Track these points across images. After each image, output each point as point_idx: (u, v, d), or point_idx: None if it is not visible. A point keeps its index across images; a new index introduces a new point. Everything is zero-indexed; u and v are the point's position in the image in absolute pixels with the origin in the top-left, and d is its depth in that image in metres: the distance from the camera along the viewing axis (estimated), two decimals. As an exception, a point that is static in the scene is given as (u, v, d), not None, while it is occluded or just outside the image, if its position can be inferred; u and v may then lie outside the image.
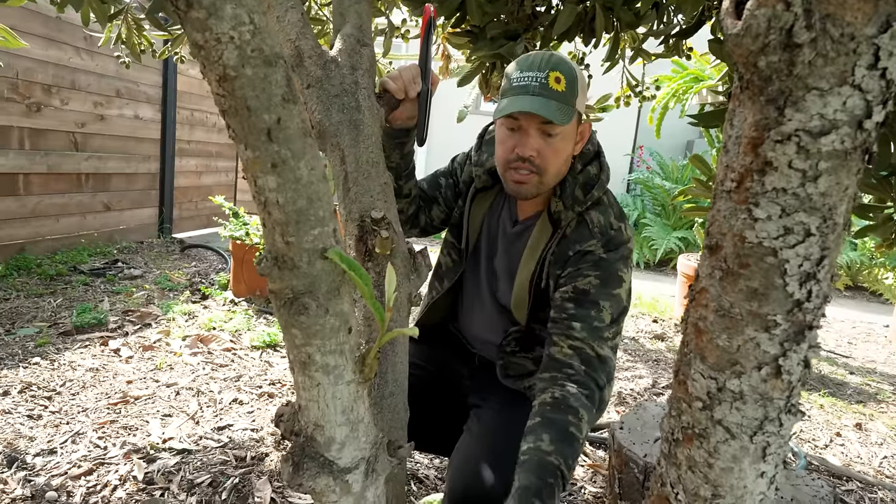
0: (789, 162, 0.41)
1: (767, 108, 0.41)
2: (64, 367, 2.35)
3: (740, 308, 0.45)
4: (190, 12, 0.51)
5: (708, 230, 0.48)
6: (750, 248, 0.44)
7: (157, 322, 2.98)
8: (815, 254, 0.42)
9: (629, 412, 1.50)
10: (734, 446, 0.47)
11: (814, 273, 0.43)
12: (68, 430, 1.90)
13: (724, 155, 0.46)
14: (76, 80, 3.98)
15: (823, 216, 0.42)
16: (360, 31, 1.17)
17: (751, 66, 0.41)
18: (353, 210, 1.10)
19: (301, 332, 0.61)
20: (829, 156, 0.40)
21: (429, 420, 1.31)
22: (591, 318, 1.06)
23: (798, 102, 0.40)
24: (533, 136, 1.08)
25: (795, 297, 0.43)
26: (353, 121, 1.10)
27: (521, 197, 1.17)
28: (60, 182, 3.96)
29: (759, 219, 0.43)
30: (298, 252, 0.59)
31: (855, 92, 0.39)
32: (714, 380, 0.48)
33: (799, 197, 0.41)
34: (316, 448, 0.66)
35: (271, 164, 0.56)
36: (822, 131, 0.40)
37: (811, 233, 0.42)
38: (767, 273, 0.44)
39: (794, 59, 0.39)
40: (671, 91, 3.91)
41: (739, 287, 0.45)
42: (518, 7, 1.92)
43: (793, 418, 0.47)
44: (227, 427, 2.03)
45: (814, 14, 0.38)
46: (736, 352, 0.46)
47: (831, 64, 0.39)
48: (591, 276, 1.09)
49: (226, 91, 0.54)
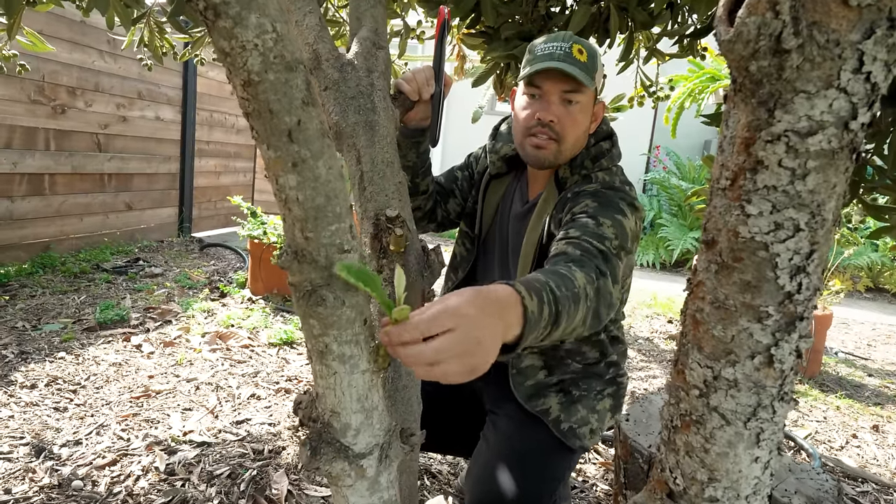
0: (779, 161, 0.43)
1: (759, 110, 0.44)
2: (88, 361, 2.42)
3: (734, 300, 0.48)
4: (217, 21, 0.54)
5: (705, 226, 0.51)
6: (743, 242, 0.46)
7: (178, 319, 3.04)
8: (805, 248, 0.45)
9: (635, 405, 1.52)
10: (729, 432, 0.50)
11: (803, 266, 0.45)
12: (93, 423, 1.96)
13: (720, 154, 0.49)
14: (99, 82, 4.07)
15: (812, 212, 0.44)
16: (375, 34, 1.20)
17: (743, 70, 0.44)
18: (369, 208, 1.13)
19: (319, 322, 0.64)
20: (816, 155, 0.43)
21: (447, 427, 1.33)
22: (589, 225, 0.98)
23: (787, 104, 0.42)
24: (554, 103, 1.12)
25: (786, 289, 0.46)
26: (368, 122, 1.13)
27: (539, 164, 1.17)
28: (84, 182, 4.06)
29: (752, 215, 0.45)
30: (317, 247, 0.62)
31: (840, 95, 0.41)
32: (710, 368, 0.50)
33: (788, 194, 0.44)
34: (332, 434, 0.70)
35: (292, 163, 0.59)
36: (810, 131, 0.42)
37: (800, 228, 0.44)
38: (759, 266, 0.46)
39: (782, 64, 0.42)
40: (687, 91, 3.90)
41: (733, 280, 0.48)
42: (532, 8, 1.95)
43: (786, 406, 0.49)
44: (245, 421, 2.08)
45: (801, 21, 0.40)
46: (730, 341, 0.48)
47: (818, 68, 0.41)
48: (587, 201, 1.05)
49: (250, 95, 0.57)
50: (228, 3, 0.54)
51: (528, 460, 1.17)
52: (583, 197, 1.08)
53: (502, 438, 1.21)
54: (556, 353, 1.23)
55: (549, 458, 1.19)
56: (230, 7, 0.54)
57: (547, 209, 1.19)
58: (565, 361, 1.24)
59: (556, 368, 1.24)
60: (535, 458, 1.18)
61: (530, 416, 1.22)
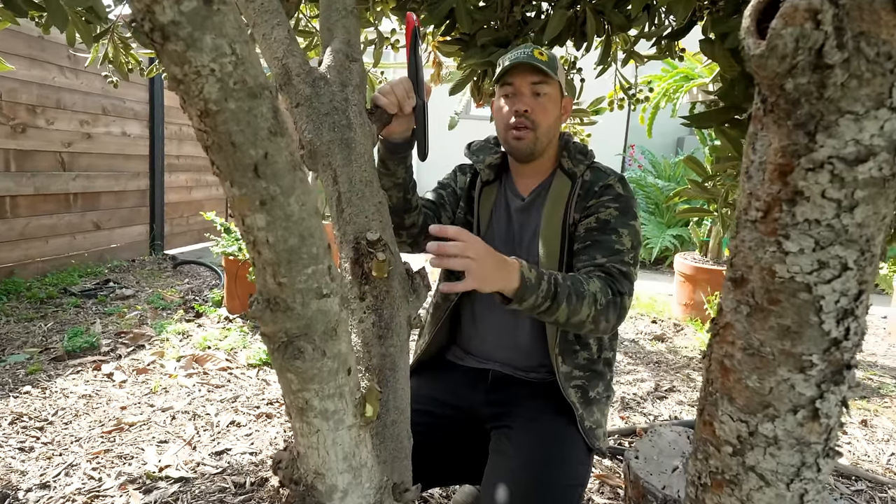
0: (822, 191, 0.38)
1: (796, 134, 0.38)
2: (56, 394, 2.30)
3: (771, 347, 0.42)
4: (167, 45, 0.47)
5: (731, 261, 0.45)
6: (781, 283, 0.41)
7: (151, 343, 2.92)
8: (853, 289, 0.39)
9: (643, 439, 1.46)
10: (769, 494, 0.44)
11: (852, 309, 0.40)
12: (61, 462, 1.85)
13: (747, 181, 0.43)
14: (61, 99, 3.92)
15: (861, 248, 0.38)
16: (348, 46, 1.14)
17: (776, 88, 0.38)
18: (348, 231, 1.06)
19: (297, 376, 0.57)
20: (865, 184, 0.37)
21: (449, 461, 1.30)
22: (611, 243, 1.19)
23: (830, 127, 0.37)
24: (526, 95, 1.25)
25: (832, 335, 0.40)
26: (344, 139, 1.07)
27: (522, 154, 1.28)
28: (48, 203, 3.90)
29: (791, 252, 0.39)
30: (292, 293, 0.55)
31: (893, 115, 0.35)
32: (745, 423, 0.44)
33: (834, 229, 0.38)
34: (317, 497, 0.62)
35: (259, 201, 0.52)
36: (859, 158, 0.36)
37: (848, 267, 0.39)
38: (801, 310, 0.40)
39: (824, 81, 0.36)
40: (662, 90, 3.89)
41: (770, 324, 0.42)
42: (508, 14, 1.90)
43: (831, 462, 0.44)
44: (226, 452, 1.98)
45: (846, 32, 0.35)
46: (768, 394, 0.43)
47: (866, 85, 0.35)
48: (611, 207, 1.23)
49: (208, 126, 0.50)
50: (178, 24, 0.47)
51: (557, 465, 1.15)
52: (606, 200, 1.24)
53: (524, 447, 1.17)
54: (567, 335, 1.26)
55: (578, 459, 1.19)
56: (181, 28, 0.47)
57: (564, 193, 1.29)
58: (574, 347, 1.26)
59: (567, 355, 1.25)
60: (565, 461, 1.17)
61: (542, 423, 1.21)
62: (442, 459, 1.27)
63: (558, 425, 1.21)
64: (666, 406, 2.68)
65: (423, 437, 1.19)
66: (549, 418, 1.22)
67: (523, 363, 1.31)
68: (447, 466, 1.30)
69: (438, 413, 1.27)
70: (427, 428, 1.20)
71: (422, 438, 1.17)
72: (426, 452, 1.20)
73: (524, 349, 1.30)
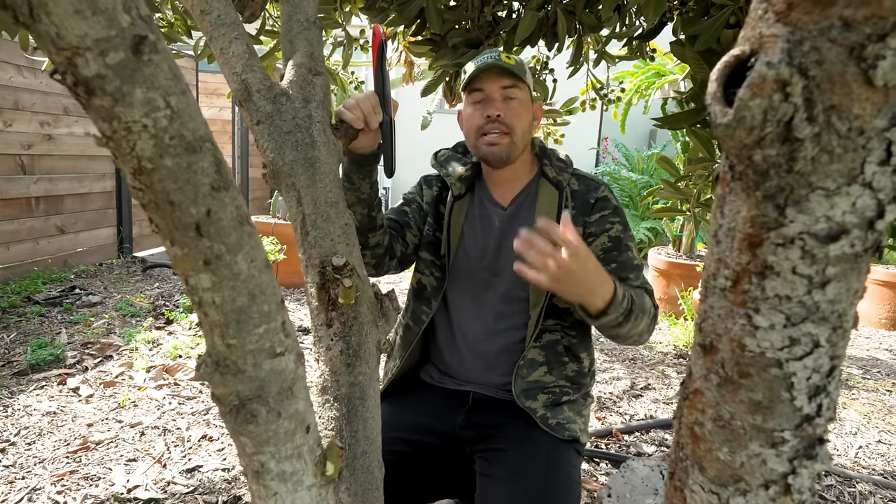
0: (793, 268, 0.36)
1: (765, 206, 0.36)
2: (19, 412, 2.22)
3: (742, 421, 0.40)
4: (93, 100, 0.43)
5: (700, 326, 0.43)
6: (751, 357, 0.39)
7: (119, 353, 2.85)
8: (825, 365, 0.37)
9: (616, 475, 1.45)
10: (741, 568, 0.43)
11: (824, 385, 0.38)
12: (24, 486, 1.78)
13: (715, 245, 0.41)
14: (19, 99, 3.78)
15: (833, 325, 0.37)
16: (311, 59, 1.09)
17: (745, 158, 0.36)
18: (314, 255, 1.02)
19: (251, 440, 0.54)
20: (837, 260, 0.35)
21: (427, 486, 1.26)
22: (630, 259, 1.23)
23: (801, 202, 0.35)
24: (497, 100, 1.21)
25: (804, 411, 0.38)
26: (308, 158, 1.03)
27: (497, 160, 1.23)
28: (8, 208, 3.77)
29: (761, 327, 0.38)
30: (242, 354, 0.52)
31: (865, 191, 0.34)
32: (716, 495, 0.43)
33: (805, 305, 0.36)
34: (279, 561, 0.59)
35: (203, 261, 0.49)
36: (831, 235, 0.34)
37: (820, 344, 0.37)
38: (772, 385, 0.39)
39: (794, 155, 0.34)
40: (634, 87, 3.90)
41: (740, 398, 0.40)
42: (479, 14, 1.86)
43: (803, 533, 0.42)
44: (197, 469, 1.94)
45: (816, 105, 0.33)
46: (739, 467, 0.41)
47: (838, 161, 0.33)
48: (615, 223, 1.25)
49: (143, 185, 0.46)
50: (105, 77, 0.43)
51: (554, 484, 1.13)
52: (608, 215, 1.25)
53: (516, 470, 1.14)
54: (555, 348, 1.25)
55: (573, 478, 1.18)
56: (107, 81, 0.43)
57: (553, 203, 1.27)
58: (563, 359, 1.25)
59: (555, 367, 1.24)
60: (562, 478, 1.15)
61: (538, 439, 1.19)
62: (420, 486, 1.24)
63: (548, 443, 1.19)
64: (642, 405, 2.70)
65: (402, 466, 1.16)
66: (538, 436, 1.19)
67: (502, 381, 1.28)
68: (426, 491, 1.27)
69: (417, 441, 1.22)
70: (405, 457, 1.17)
71: (400, 467, 1.14)
72: (404, 480, 1.18)
73: (504, 367, 1.27)
